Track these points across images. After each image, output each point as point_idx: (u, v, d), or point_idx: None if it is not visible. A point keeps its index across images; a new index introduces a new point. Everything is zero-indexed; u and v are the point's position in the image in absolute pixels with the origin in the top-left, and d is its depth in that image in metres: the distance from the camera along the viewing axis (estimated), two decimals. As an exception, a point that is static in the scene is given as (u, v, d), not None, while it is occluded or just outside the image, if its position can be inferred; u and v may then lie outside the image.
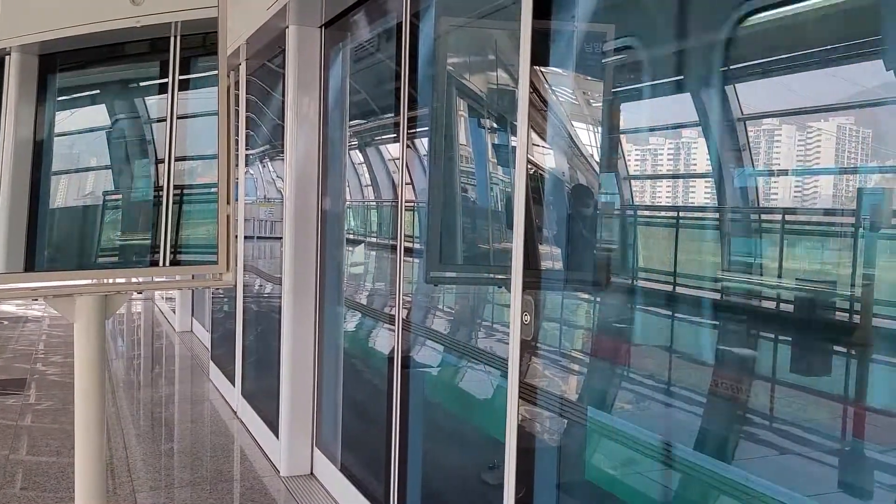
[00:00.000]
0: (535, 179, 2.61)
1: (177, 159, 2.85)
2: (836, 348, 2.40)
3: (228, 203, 2.79)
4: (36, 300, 2.75)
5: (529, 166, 2.55)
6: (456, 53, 3.43)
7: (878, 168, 2.25)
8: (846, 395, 2.24)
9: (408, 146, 3.84)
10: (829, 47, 2.23)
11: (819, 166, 2.57)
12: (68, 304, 2.69)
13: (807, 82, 2.41)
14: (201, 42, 2.88)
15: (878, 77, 2.11)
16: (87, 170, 2.96)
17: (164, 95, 2.89)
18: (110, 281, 2.88)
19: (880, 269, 2.15)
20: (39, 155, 2.74)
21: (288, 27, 4.53)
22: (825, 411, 2.32)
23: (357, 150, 5.21)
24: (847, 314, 2.30)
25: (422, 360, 3.98)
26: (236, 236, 5.76)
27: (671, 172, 3.05)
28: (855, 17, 2.16)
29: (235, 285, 5.91)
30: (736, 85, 2.63)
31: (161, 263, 2.82)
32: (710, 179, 2.95)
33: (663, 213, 3.12)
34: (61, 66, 2.85)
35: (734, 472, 2.51)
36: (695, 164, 2.98)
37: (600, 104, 2.80)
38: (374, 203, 5.40)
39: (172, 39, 2.84)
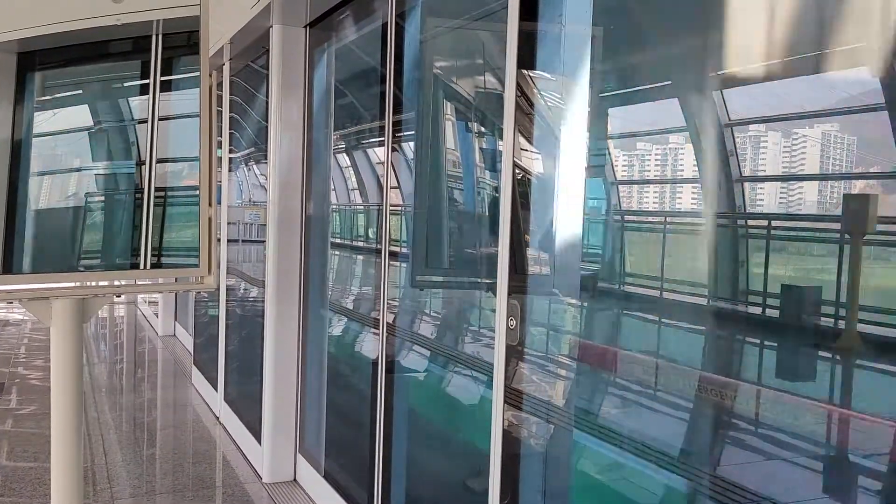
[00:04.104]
0: (523, 184, 2.59)
1: (158, 161, 2.80)
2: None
3: (210, 205, 2.75)
4: (11, 303, 2.69)
5: (517, 170, 2.52)
6: (442, 56, 3.40)
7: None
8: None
9: (394, 149, 3.81)
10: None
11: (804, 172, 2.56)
12: (45, 307, 2.64)
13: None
14: (183, 41, 2.84)
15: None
16: (70, 171, 2.91)
17: (146, 96, 2.85)
18: (90, 284, 2.83)
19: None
20: (17, 156, 2.69)
21: (272, 26, 4.49)
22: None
23: (343, 154, 5.17)
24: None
25: (407, 365, 3.94)
26: (218, 239, 5.71)
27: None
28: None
29: (218, 289, 5.86)
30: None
31: (142, 266, 2.77)
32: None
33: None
34: (40, 64, 2.80)
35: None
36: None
37: (588, 108, 2.77)
38: (362, 207, 5.36)
39: (154, 38, 2.79)
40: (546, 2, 2.53)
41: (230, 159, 6.08)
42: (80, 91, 3.00)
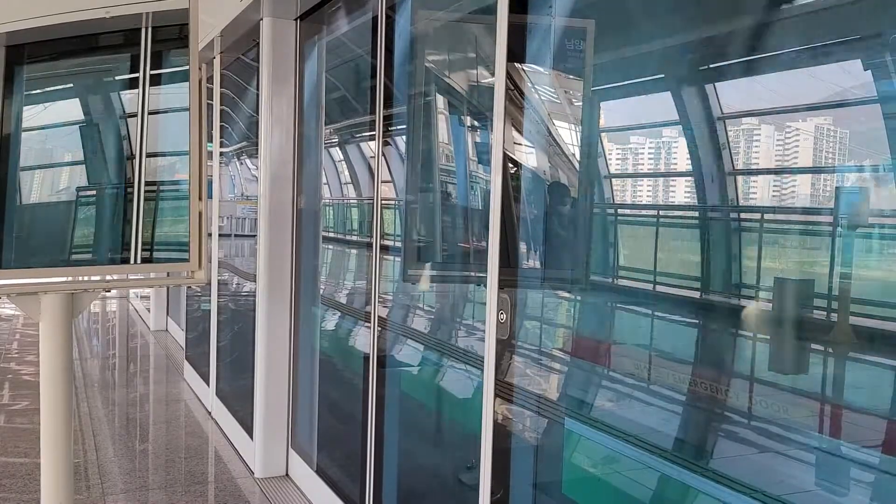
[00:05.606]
0: (514, 178, 2.58)
1: (149, 155, 2.79)
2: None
3: (200, 199, 2.73)
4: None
5: (510, 165, 2.52)
6: (434, 48, 3.39)
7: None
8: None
9: (386, 143, 3.79)
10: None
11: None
12: (33, 302, 2.62)
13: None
14: (173, 35, 2.82)
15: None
16: (60, 165, 2.89)
17: (136, 90, 2.83)
18: (80, 279, 2.81)
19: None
20: (6, 150, 2.67)
21: (262, 19, 4.46)
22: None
23: (336, 148, 5.15)
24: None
25: (399, 359, 3.93)
26: (209, 234, 5.69)
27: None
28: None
29: (209, 283, 5.84)
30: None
31: (132, 261, 2.75)
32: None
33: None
34: (29, 57, 2.77)
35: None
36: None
37: (580, 102, 2.76)
38: (354, 201, 5.35)
39: (144, 32, 2.77)
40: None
41: (221, 153, 6.06)
42: (70, 85, 2.98)
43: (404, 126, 3.63)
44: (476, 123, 3.25)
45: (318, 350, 4.61)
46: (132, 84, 2.86)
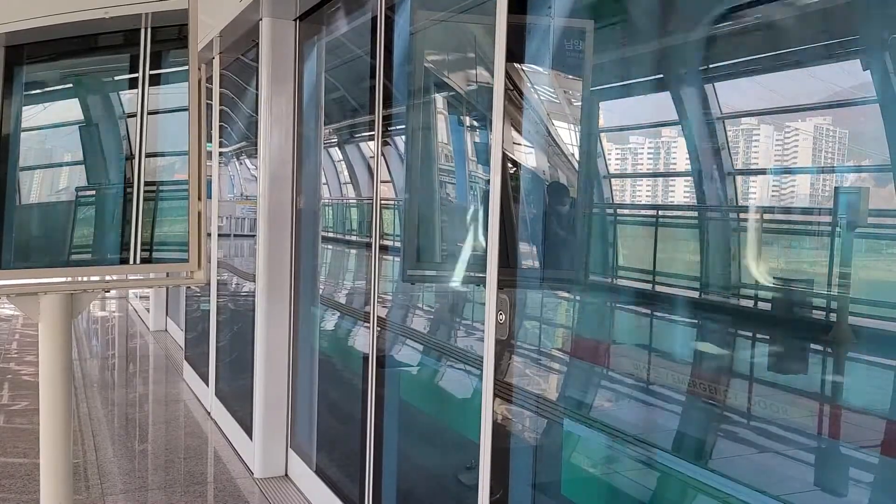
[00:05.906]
0: (514, 178, 2.58)
1: (148, 155, 2.79)
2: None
3: (200, 199, 2.73)
4: (-4, 297, 2.67)
5: (509, 165, 2.51)
6: (433, 49, 3.39)
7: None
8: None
9: (386, 143, 3.79)
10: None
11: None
12: (32, 302, 2.62)
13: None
14: (172, 35, 2.82)
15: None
16: (60, 165, 2.90)
17: (136, 90, 2.83)
18: (80, 279, 2.81)
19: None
20: (5, 150, 2.67)
21: (262, 19, 4.46)
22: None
23: (335, 148, 5.16)
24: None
25: (398, 359, 3.93)
26: (209, 234, 5.69)
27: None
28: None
29: (209, 284, 5.84)
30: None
31: (132, 261, 2.75)
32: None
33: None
34: (29, 58, 2.77)
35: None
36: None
37: (579, 102, 2.76)
38: (355, 201, 5.35)
39: (143, 32, 2.77)
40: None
41: (221, 153, 6.06)
42: (70, 85, 2.98)
43: (403, 126, 3.63)
44: (475, 123, 3.26)
45: (317, 350, 4.61)
46: (132, 84, 2.86)
